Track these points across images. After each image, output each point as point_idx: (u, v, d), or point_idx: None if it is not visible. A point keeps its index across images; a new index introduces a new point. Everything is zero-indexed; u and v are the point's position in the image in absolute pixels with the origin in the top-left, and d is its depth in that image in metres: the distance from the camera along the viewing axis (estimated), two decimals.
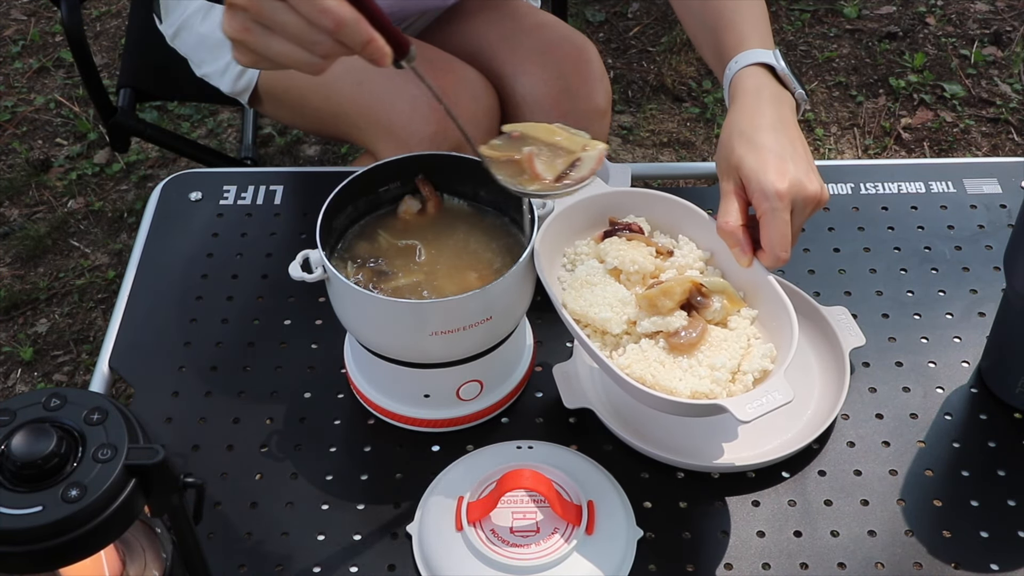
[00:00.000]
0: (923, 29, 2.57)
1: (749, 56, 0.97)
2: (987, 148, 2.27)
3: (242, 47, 0.74)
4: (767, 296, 0.89)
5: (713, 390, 0.82)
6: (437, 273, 0.90)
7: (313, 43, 0.71)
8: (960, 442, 0.94)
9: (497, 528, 0.84)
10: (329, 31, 0.70)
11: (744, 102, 0.95)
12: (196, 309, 1.07)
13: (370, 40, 0.72)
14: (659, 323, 0.86)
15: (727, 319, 0.89)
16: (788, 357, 0.83)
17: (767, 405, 0.79)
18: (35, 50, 2.57)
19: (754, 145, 0.90)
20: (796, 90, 0.98)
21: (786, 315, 0.86)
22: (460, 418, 0.94)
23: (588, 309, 0.87)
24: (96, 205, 2.18)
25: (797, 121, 0.96)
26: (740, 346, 0.86)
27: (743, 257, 0.89)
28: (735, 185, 0.91)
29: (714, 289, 0.89)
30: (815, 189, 0.89)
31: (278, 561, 0.86)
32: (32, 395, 0.66)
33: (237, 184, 1.20)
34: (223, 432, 0.95)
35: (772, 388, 0.81)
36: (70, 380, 1.86)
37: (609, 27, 2.61)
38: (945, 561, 0.86)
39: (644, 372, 0.83)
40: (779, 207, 0.87)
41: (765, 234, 0.88)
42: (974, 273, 1.10)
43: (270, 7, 0.70)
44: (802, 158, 0.91)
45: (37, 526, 0.60)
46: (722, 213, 0.90)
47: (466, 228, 0.94)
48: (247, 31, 0.72)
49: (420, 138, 1.19)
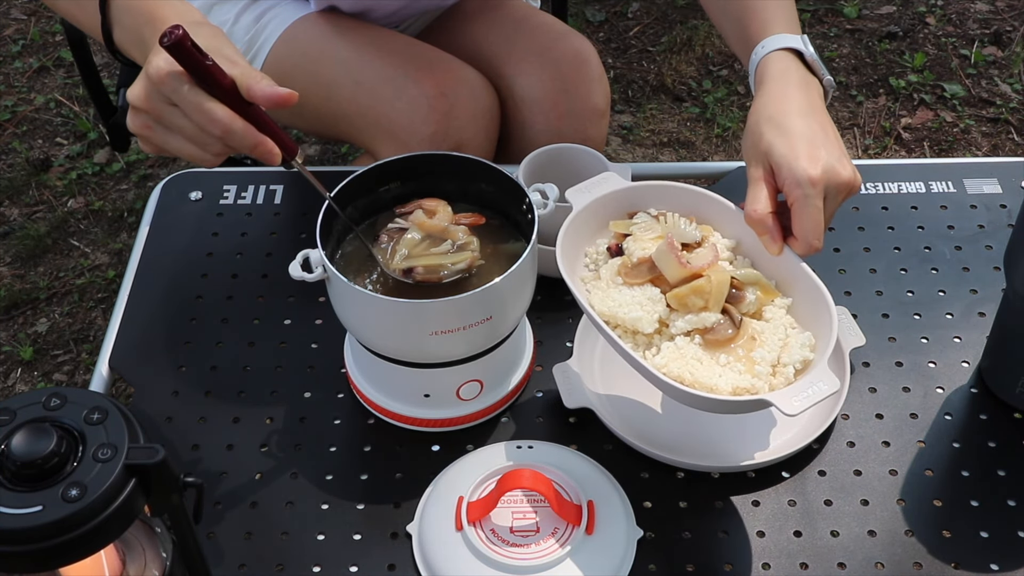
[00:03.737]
0: (923, 29, 2.57)
1: (776, 41, 0.96)
2: (987, 148, 2.27)
3: (145, 141, 0.84)
4: (802, 284, 0.86)
5: (755, 384, 0.80)
6: None
7: (205, 144, 0.81)
8: (960, 442, 0.94)
9: (497, 528, 0.84)
10: (217, 137, 0.79)
11: (772, 87, 0.93)
12: (196, 309, 1.07)
13: (258, 144, 0.80)
14: (693, 320, 0.83)
15: (762, 310, 0.86)
16: (830, 345, 0.80)
17: (813, 396, 0.76)
18: (35, 50, 2.57)
19: (784, 131, 0.88)
20: (824, 76, 0.96)
21: (823, 302, 0.84)
22: (460, 418, 0.94)
23: (617, 309, 0.85)
24: (96, 205, 2.18)
25: (825, 107, 0.94)
26: (779, 337, 0.83)
27: (773, 245, 0.87)
28: (764, 172, 0.89)
29: (747, 281, 0.87)
30: (848, 175, 0.87)
31: (278, 561, 0.86)
32: (32, 395, 0.66)
33: (237, 184, 1.20)
34: (223, 432, 0.96)
35: (816, 379, 0.78)
36: (70, 380, 1.86)
37: (609, 27, 2.61)
38: (945, 561, 0.86)
39: (682, 371, 0.81)
40: (812, 194, 0.85)
41: (798, 222, 0.86)
42: (974, 273, 1.10)
43: (168, 112, 0.80)
44: (834, 144, 0.89)
45: (37, 526, 0.60)
46: (750, 200, 0.88)
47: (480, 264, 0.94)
48: (148, 128, 0.82)
49: (420, 138, 1.19)
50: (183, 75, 0.78)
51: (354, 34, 1.25)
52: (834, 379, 0.78)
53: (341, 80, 1.23)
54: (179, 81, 0.78)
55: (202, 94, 0.78)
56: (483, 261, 0.90)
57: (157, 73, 0.78)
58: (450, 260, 0.88)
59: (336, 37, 1.25)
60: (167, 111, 0.80)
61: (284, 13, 1.28)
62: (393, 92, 1.20)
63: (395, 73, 1.21)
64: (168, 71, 0.78)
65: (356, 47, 1.24)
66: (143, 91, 0.80)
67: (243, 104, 0.79)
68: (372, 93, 1.22)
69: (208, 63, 0.77)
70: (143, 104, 0.81)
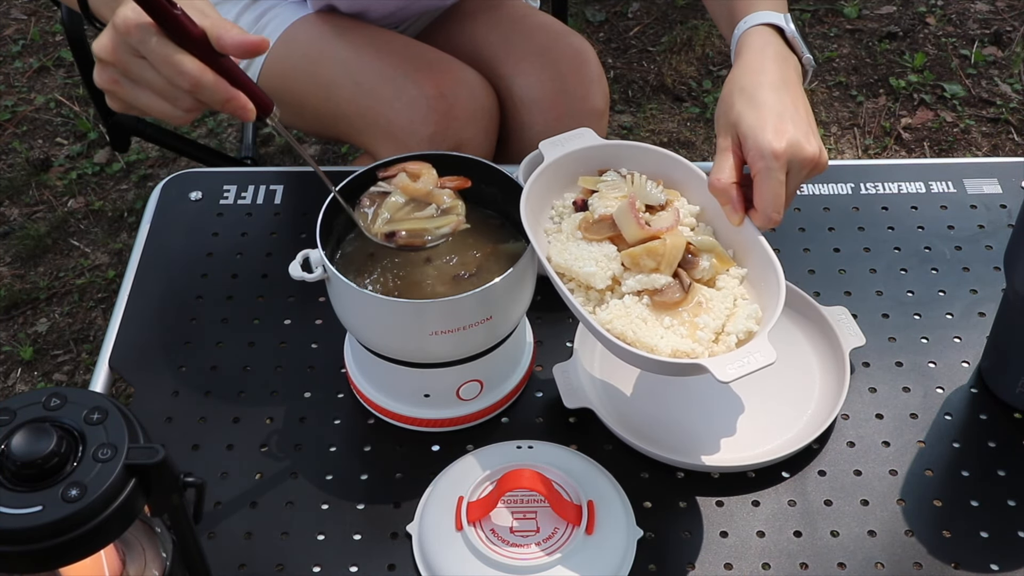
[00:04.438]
0: (923, 29, 2.57)
1: (758, 17, 0.96)
2: (987, 148, 2.27)
3: (112, 97, 0.80)
4: (757, 256, 0.87)
5: (695, 349, 0.80)
6: None
7: (175, 99, 0.77)
8: (960, 442, 0.94)
9: (497, 528, 0.84)
10: (187, 91, 0.75)
11: (748, 59, 0.94)
12: (196, 309, 1.07)
13: (230, 99, 0.76)
14: (644, 281, 0.84)
15: (716, 278, 0.87)
16: (773, 318, 0.81)
17: (748, 366, 0.77)
18: (35, 49, 2.57)
19: (754, 103, 0.89)
20: (804, 54, 0.96)
21: (774, 276, 0.84)
22: (460, 418, 0.94)
23: (573, 263, 0.85)
24: (96, 205, 2.18)
25: (802, 85, 0.95)
26: (726, 306, 0.83)
27: (734, 215, 0.87)
28: (732, 142, 0.89)
29: (703, 247, 0.87)
30: (813, 151, 0.87)
31: (278, 561, 0.86)
32: (32, 395, 0.66)
33: (237, 184, 1.20)
34: (223, 432, 0.95)
35: (754, 349, 0.78)
36: (70, 380, 1.86)
37: (609, 27, 2.61)
38: (945, 561, 0.86)
39: (625, 328, 0.81)
40: (774, 167, 0.85)
41: (759, 194, 0.86)
42: (974, 273, 1.10)
43: (136, 64, 0.76)
44: (803, 119, 0.89)
45: (37, 526, 0.60)
46: (715, 169, 0.88)
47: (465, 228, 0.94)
48: (116, 83, 0.78)
49: (419, 139, 1.19)
50: (151, 26, 0.74)
51: (353, 35, 1.25)
52: (771, 351, 0.78)
53: (340, 80, 1.23)
54: (147, 32, 0.74)
55: (171, 45, 0.74)
56: (468, 225, 0.88)
57: (124, 23, 0.75)
58: (434, 224, 0.87)
59: (335, 38, 1.25)
60: (135, 64, 0.76)
61: (284, 14, 1.28)
62: (392, 92, 1.20)
63: (394, 73, 1.21)
64: (136, 22, 0.74)
65: (355, 48, 1.24)
66: (110, 43, 0.77)
67: (215, 57, 0.76)
68: (371, 93, 1.22)
69: (177, 12, 0.74)
70: (109, 56, 0.77)
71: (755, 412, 0.95)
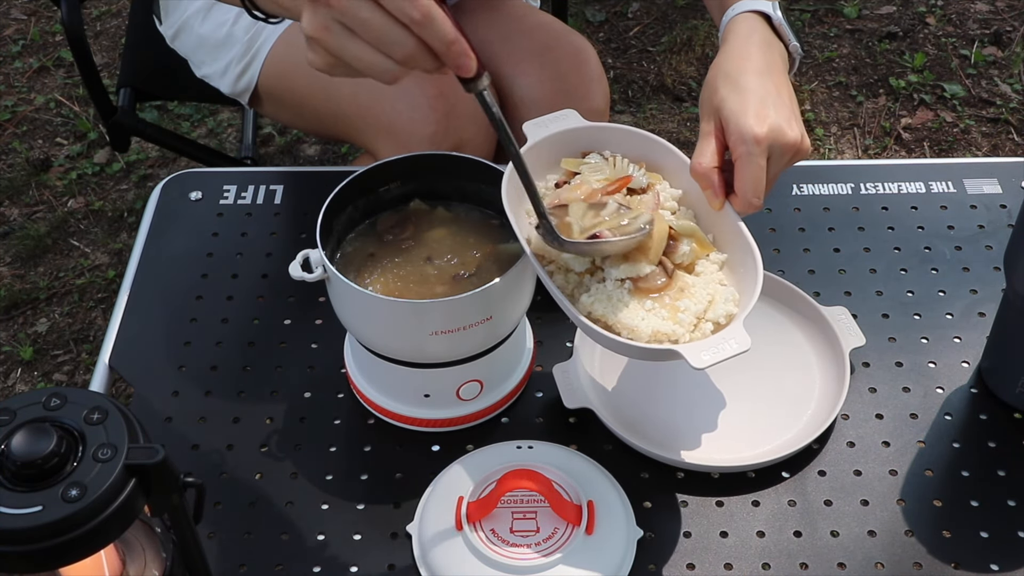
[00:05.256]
0: (923, 29, 2.57)
1: (746, 4, 0.96)
2: (987, 148, 2.27)
3: (318, 47, 0.71)
4: (736, 242, 0.86)
5: (676, 331, 0.80)
6: None
7: (392, 44, 0.68)
8: (960, 442, 0.94)
9: (497, 528, 0.84)
10: (416, 22, 0.67)
11: (733, 44, 0.94)
12: (196, 309, 1.07)
13: (455, 40, 0.69)
14: (628, 270, 0.83)
15: (695, 263, 0.86)
16: (749, 305, 0.81)
17: (722, 353, 0.77)
18: (35, 49, 2.57)
19: (737, 87, 0.89)
20: (791, 42, 0.96)
21: (752, 262, 0.84)
22: (460, 418, 0.94)
23: None
24: (96, 205, 2.18)
25: (790, 72, 0.95)
26: (708, 292, 0.83)
27: (715, 200, 0.87)
28: (714, 127, 0.89)
29: (683, 232, 0.87)
30: (794, 137, 0.87)
31: (278, 561, 0.86)
32: (32, 395, 0.66)
33: (237, 184, 1.20)
34: (223, 432, 0.95)
35: (729, 336, 0.78)
36: (70, 380, 1.86)
37: (609, 27, 2.61)
38: (945, 561, 0.86)
39: (607, 311, 0.81)
40: (755, 152, 0.85)
41: (739, 179, 0.86)
42: (974, 273, 1.10)
43: (355, 4, 0.67)
44: (785, 105, 0.89)
45: (37, 526, 0.60)
46: (697, 154, 0.88)
47: (465, 228, 0.94)
48: (326, 30, 0.69)
49: (420, 138, 1.19)
50: None
51: None
52: (746, 338, 0.78)
53: (341, 81, 1.23)
54: None
55: None
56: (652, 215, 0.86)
57: None
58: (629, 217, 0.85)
59: None
60: (354, 4, 0.67)
61: None
62: (393, 92, 1.20)
63: None
64: None
65: None
66: None
67: None
68: (372, 93, 1.22)
69: None
70: None
71: (755, 412, 0.95)
